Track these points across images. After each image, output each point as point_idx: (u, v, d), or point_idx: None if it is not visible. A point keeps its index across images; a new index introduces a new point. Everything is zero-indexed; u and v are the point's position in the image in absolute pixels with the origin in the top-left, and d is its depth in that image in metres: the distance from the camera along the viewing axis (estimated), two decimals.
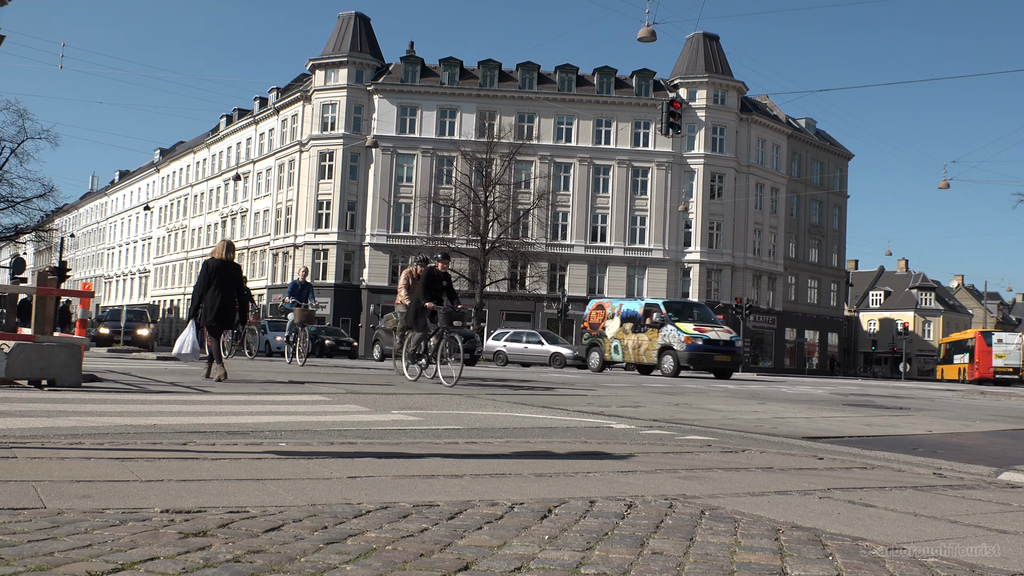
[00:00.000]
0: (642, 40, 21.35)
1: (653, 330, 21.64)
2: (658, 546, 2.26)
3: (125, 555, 1.93)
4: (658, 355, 21.39)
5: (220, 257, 10.17)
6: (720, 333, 21.14)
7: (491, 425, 5.79)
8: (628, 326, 22.73)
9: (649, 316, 21.93)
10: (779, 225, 57.24)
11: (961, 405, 12.48)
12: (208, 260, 10.25)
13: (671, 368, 20.76)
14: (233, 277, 10.20)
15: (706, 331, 20.86)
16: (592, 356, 24.25)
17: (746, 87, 54.55)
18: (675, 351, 20.77)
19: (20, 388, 7.38)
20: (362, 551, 2.07)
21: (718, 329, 21.44)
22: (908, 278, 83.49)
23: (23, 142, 43.71)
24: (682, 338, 20.68)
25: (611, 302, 24.78)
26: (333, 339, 31.57)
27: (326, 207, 52.25)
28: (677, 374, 20.68)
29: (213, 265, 10.07)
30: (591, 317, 24.71)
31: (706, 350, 20.60)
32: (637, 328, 22.33)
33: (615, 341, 23.18)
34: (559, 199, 51.30)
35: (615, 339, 23.18)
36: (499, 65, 53.33)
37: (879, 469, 4.22)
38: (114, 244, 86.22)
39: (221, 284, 10.00)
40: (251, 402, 7.01)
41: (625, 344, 22.71)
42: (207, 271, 10.05)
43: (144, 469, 3.18)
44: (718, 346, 20.77)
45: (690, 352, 20.48)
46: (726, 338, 21.02)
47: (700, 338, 20.58)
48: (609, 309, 24.05)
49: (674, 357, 20.77)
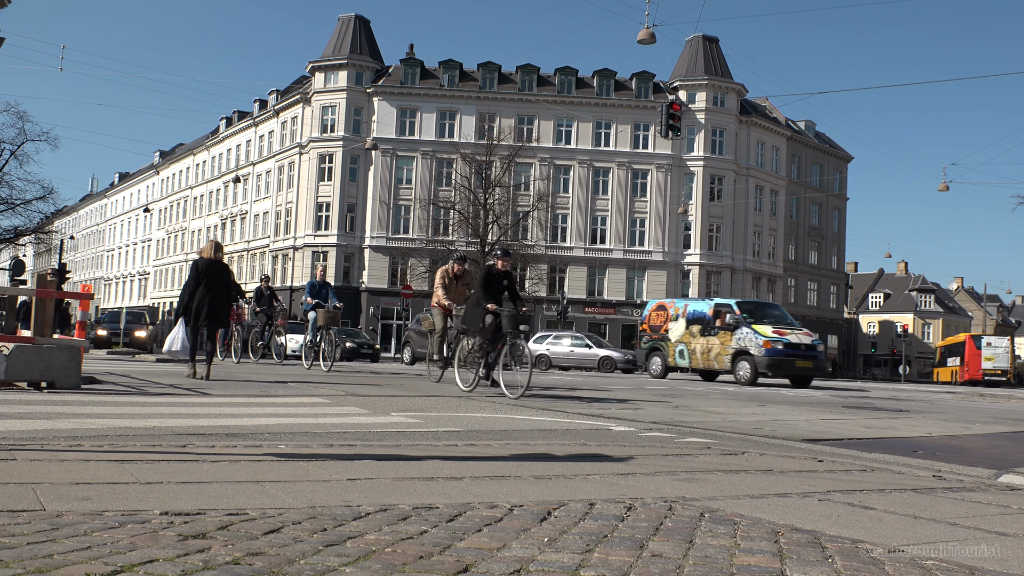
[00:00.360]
0: (642, 42, 21.38)
1: (725, 333, 19.91)
2: (658, 548, 2.26)
3: (124, 557, 1.93)
4: (732, 361, 19.61)
5: (209, 257, 10.36)
6: (801, 336, 19.45)
7: (490, 427, 5.79)
8: (695, 329, 20.96)
9: (720, 318, 20.20)
10: (779, 227, 57.28)
11: (960, 407, 12.48)
12: (197, 260, 10.46)
13: (748, 375, 19.05)
14: (222, 276, 10.39)
15: (786, 334, 19.21)
16: (653, 361, 22.50)
17: (746, 89, 54.60)
18: (752, 356, 19.00)
19: (19, 390, 7.37)
20: (361, 553, 2.07)
21: (798, 332, 19.76)
22: (908, 280, 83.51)
23: (23, 144, 43.83)
24: (760, 342, 18.94)
25: (674, 303, 22.79)
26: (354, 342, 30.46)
27: (326, 209, 52.27)
28: (754, 382, 18.95)
29: (202, 265, 10.28)
30: (651, 319, 22.97)
31: (787, 355, 18.84)
32: (706, 331, 20.59)
33: (680, 345, 21.39)
34: (559, 201, 51.32)
35: (680, 343, 21.40)
36: (499, 67, 53.38)
37: (879, 471, 4.21)
38: (113, 246, 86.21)
39: (210, 283, 10.21)
40: (250, 404, 7.00)
41: (692, 348, 20.94)
42: (196, 271, 10.26)
43: (143, 471, 3.18)
44: (799, 351, 19.04)
45: (770, 357, 18.71)
46: (807, 342, 19.30)
47: (780, 342, 18.89)
48: (672, 310, 22.25)
49: (751, 363, 19.02)
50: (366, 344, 31.25)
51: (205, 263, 10.30)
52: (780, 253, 57.13)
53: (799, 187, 58.87)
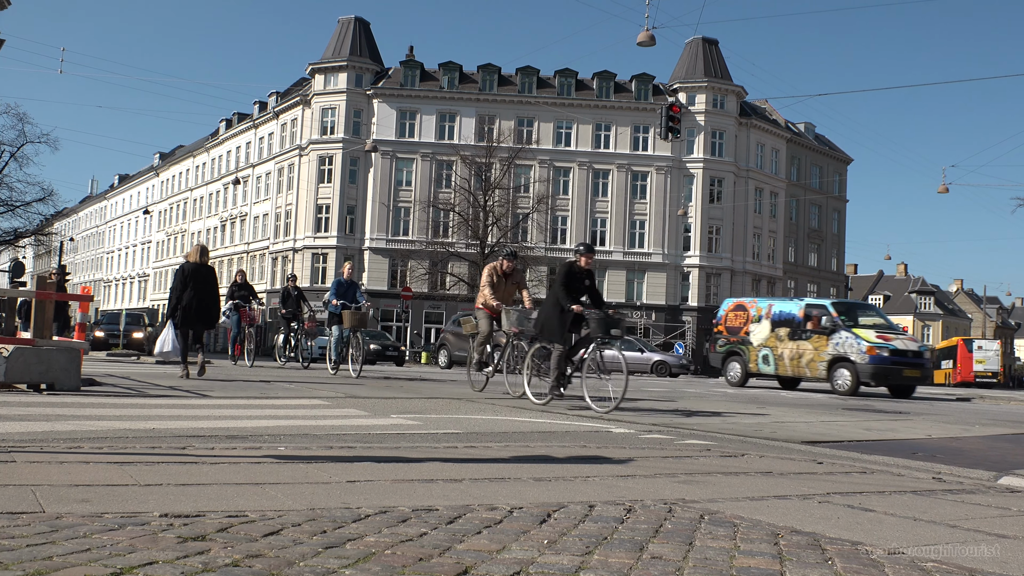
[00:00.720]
0: (641, 44, 21.39)
1: (820, 337, 17.89)
2: (657, 550, 2.26)
3: (124, 559, 1.93)
4: (828, 368, 17.59)
5: (195, 261, 10.81)
6: (907, 342, 17.64)
7: (490, 429, 5.79)
8: (783, 331, 18.94)
9: (813, 320, 18.28)
10: (778, 229, 57.30)
11: (960, 409, 12.48)
12: (184, 264, 10.91)
13: (848, 384, 16.95)
14: (208, 279, 10.83)
15: (891, 339, 17.35)
16: (730, 367, 20.22)
17: (745, 91, 54.63)
18: (854, 364, 16.96)
19: (19, 392, 7.37)
20: (361, 555, 2.07)
21: (904, 337, 17.96)
22: (907, 282, 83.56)
23: (23, 146, 43.72)
24: (863, 347, 16.97)
25: (755, 302, 20.61)
26: (379, 344, 29.49)
27: (325, 211, 52.28)
28: (856, 391, 16.82)
29: (189, 269, 10.72)
30: (728, 320, 20.81)
31: (894, 363, 16.89)
32: (796, 334, 18.57)
33: (764, 350, 19.27)
34: (558, 203, 51.33)
35: (764, 347, 19.28)
36: (498, 69, 53.41)
37: (878, 473, 4.22)
38: (113, 248, 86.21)
39: (197, 286, 10.63)
40: (250, 406, 7.00)
41: (779, 353, 18.90)
42: (183, 274, 10.71)
43: (143, 473, 3.18)
44: (907, 358, 17.12)
45: (874, 365, 16.72)
46: (914, 348, 17.52)
47: (886, 348, 16.97)
48: (753, 310, 20.15)
49: (852, 371, 16.97)
50: (391, 346, 30.22)
51: (192, 267, 10.72)
52: (780, 255, 57.16)
53: (799, 189, 58.90)
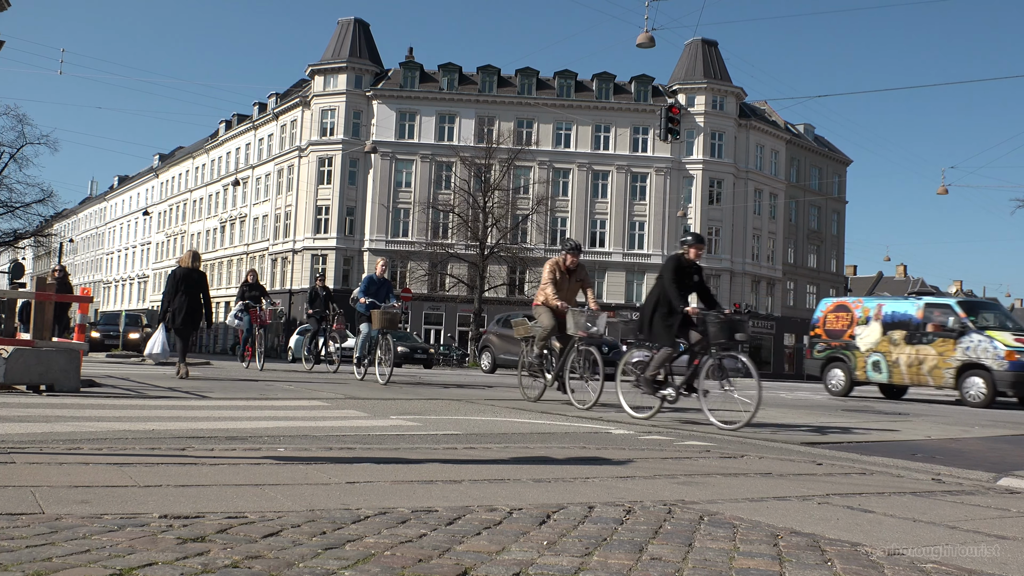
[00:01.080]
0: (641, 46, 21.41)
1: (945, 341, 15.88)
2: (657, 552, 2.26)
3: (123, 560, 1.93)
4: (956, 376, 15.55)
5: (186, 266, 11.33)
6: None
7: (490, 431, 5.78)
8: (897, 335, 16.80)
9: (934, 322, 16.28)
10: (778, 231, 57.31)
11: (960, 411, 12.48)
12: (175, 269, 11.45)
13: (983, 395, 14.96)
14: (199, 284, 11.34)
15: None
16: (832, 374, 17.94)
17: (745, 93, 54.67)
18: (989, 371, 14.97)
19: (18, 393, 7.36)
20: (361, 556, 2.07)
21: None
22: (907, 283, 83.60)
23: (22, 147, 43.72)
24: (1000, 352, 14.95)
25: (861, 301, 18.29)
26: (406, 345, 27.94)
27: (325, 212, 52.29)
28: (992, 402, 14.78)
29: (180, 273, 11.24)
30: (828, 321, 18.57)
31: None
32: (914, 338, 16.48)
33: (874, 355, 17.06)
34: (558, 204, 51.35)
35: (874, 352, 17.09)
36: (498, 71, 53.44)
37: (878, 475, 4.22)
38: (113, 249, 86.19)
39: (187, 290, 11.14)
40: (249, 407, 7.00)
41: (894, 359, 16.71)
42: (174, 279, 11.22)
43: (142, 474, 3.18)
44: None
45: (1015, 372, 14.73)
46: None
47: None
48: (859, 311, 17.93)
49: (987, 379, 14.96)
50: (419, 348, 28.84)
51: (183, 271, 11.22)
52: (779, 256, 57.17)
53: (798, 190, 58.92)
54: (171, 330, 11.10)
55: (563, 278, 9.10)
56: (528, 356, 9.22)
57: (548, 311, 8.92)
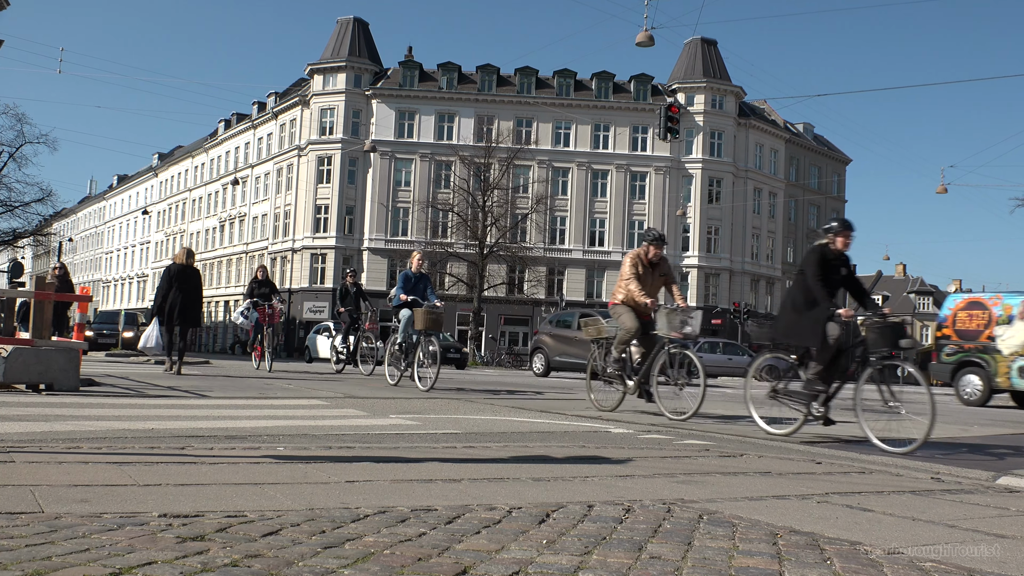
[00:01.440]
0: (640, 45, 21.39)
1: None
2: (656, 550, 2.26)
3: (123, 559, 1.93)
4: None
5: (181, 263, 11.48)
6: None
7: (489, 430, 5.78)
8: None
9: None
10: (777, 230, 57.34)
11: (959, 410, 12.49)
12: (170, 266, 11.61)
13: None
14: (192, 280, 11.51)
15: None
16: (966, 380, 15.74)
17: (744, 92, 54.66)
18: None
19: (18, 392, 7.36)
20: (360, 555, 2.07)
21: None
22: (906, 283, 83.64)
23: (21, 146, 43.69)
24: None
25: (999, 298, 15.81)
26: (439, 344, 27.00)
27: (324, 211, 52.28)
28: None
29: (174, 270, 11.40)
30: (959, 320, 16.24)
31: None
32: None
33: (1020, 360, 14.85)
34: (557, 203, 51.35)
35: (1020, 356, 14.89)
36: (497, 70, 53.43)
37: (877, 474, 4.22)
38: (112, 248, 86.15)
39: (182, 287, 11.30)
40: (249, 406, 7.00)
41: None
42: (169, 275, 11.38)
43: (142, 473, 3.18)
44: None
45: None
46: None
47: None
48: (998, 308, 15.60)
49: None
50: (452, 347, 27.61)
51: (177, 268, 11.37)
52: (778, 255, 57.19)
53: (797, 189, 58.94)
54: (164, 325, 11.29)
55: (646, 273, 7.98)
56: (601, 360, 8.11)
57: (630, 310, 7.81)
